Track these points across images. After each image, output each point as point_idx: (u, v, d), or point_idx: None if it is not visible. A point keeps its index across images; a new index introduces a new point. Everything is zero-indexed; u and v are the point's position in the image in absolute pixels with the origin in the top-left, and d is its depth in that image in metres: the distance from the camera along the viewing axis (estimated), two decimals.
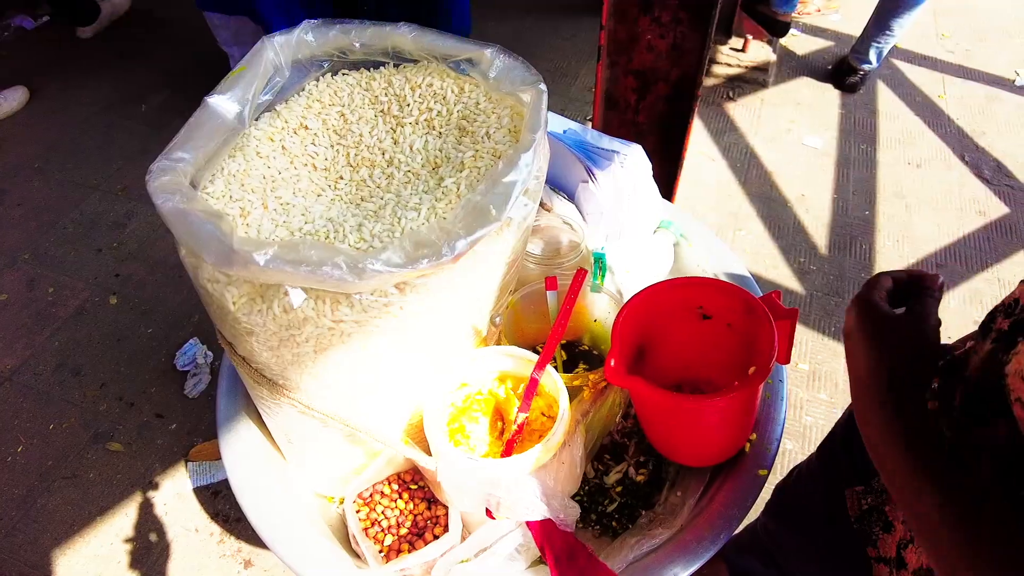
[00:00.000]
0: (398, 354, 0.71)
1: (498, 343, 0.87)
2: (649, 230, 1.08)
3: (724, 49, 2.79)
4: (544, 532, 0.76)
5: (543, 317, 0.96)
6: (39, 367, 1.90)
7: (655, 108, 1.34)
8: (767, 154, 2.51)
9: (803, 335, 1.96)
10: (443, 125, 0.82)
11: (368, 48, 0.84)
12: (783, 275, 2.12)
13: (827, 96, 2.76)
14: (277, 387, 0.75)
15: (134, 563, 1.53)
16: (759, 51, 2.77)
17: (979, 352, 0.57)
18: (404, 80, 0.86)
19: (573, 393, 0.84)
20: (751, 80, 2.77)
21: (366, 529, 0.84)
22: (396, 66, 0.88)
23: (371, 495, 0.87)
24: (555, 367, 0.95)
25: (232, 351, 0.78)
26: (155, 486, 1.66)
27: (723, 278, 1.06)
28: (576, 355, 1.01)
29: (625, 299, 0.97)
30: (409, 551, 0.82)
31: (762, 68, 2.75)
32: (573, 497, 0.90)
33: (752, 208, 2.32)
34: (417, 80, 0.86)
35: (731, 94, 2.75)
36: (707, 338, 0.85)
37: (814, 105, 2.70)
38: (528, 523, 0.76)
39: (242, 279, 0.66)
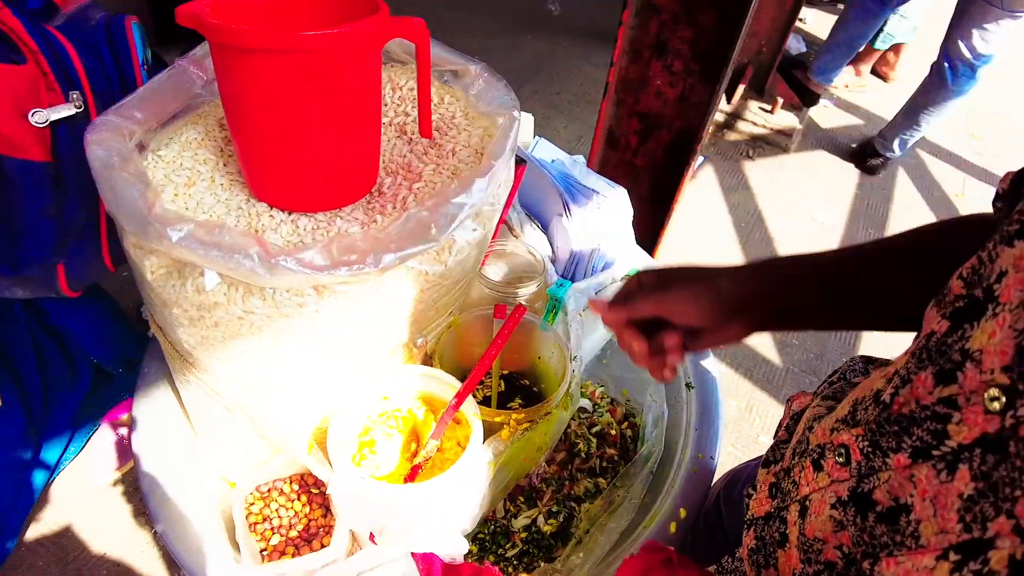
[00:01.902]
0: (311, 356, 0.68)
1: (429, 362, 0.84)
2: (614, 276, 1.05)
3: (753, 106, 2.77)
4: (428, 563, 0.73)
5: (488, 342, 0.94)
6: None
7: (654, 154, 1.32)
8: (774, 220, 2.48)
9: (773, 408, 1.93)
10: (415, 132, 0.80)
11: None
12: (764, 345, 2.08)
13: (846, 174, 2.73)
14: (187, 363, 0.72)
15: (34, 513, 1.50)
16: (786, 115, 2.75)
17: (812, 487, 0.46)
18: (387, 79, 0.84)
19: (494, 429, 0.81)
20: (773, 143, 2.75)
21: (255, 524, 0.81)
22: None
23: (269, 491, 0.84)
24: (489, 397, 0.93)
25: (152, 319, 0.76)
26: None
27: None
28: (515, 388, 0.98)
29: (571, 344, 0.95)
30: (294, 555, 0.79)
31: (787, 133, 2.73)
32: (476, 536, 0.88)
33: None
34: (400, 81, 0.84)
35: (751, 153, 2.73)
36: None
37: (831, 180, 2.68)
38: (413, 553, 0.73)
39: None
